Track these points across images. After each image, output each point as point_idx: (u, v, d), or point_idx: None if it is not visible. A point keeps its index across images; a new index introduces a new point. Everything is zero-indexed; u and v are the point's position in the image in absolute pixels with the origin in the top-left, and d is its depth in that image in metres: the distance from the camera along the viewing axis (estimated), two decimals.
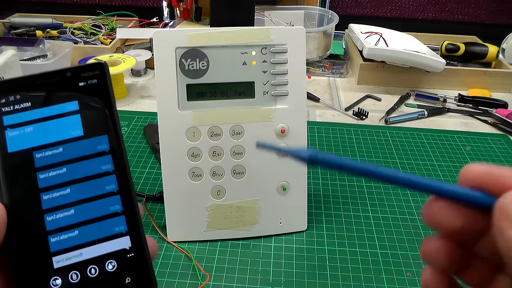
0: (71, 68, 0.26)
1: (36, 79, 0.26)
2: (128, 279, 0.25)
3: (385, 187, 0.62)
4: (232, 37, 0.48)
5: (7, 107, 0.25)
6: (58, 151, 0.26)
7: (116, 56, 0.84)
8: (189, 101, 0.49)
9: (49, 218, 0.25)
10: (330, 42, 0.98)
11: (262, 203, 0.52)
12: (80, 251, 0.25)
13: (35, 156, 0.25)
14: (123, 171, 0.26)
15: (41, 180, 0.25)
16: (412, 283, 0.47)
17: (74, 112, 0.26)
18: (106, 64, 0.27)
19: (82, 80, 0.26)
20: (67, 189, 0.25)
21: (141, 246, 0.26)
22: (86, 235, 0.25)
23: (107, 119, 0.26)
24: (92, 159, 0.26)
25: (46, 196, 0.25)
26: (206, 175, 0.50)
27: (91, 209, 0.26)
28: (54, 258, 0.25)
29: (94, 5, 1.28)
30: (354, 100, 0.86)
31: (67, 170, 0.26)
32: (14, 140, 0.25)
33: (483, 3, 1.22)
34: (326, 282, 0.47)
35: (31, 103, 0.25)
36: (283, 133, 0.50)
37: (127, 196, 0.26)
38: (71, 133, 0.26)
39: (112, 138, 0.26)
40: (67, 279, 0.25)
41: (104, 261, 0.25)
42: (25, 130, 0.25)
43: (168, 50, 0.48)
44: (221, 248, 0.51)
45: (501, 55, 0.98)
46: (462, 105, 0.86)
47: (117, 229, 0.26)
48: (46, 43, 0.90)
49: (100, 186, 0.26)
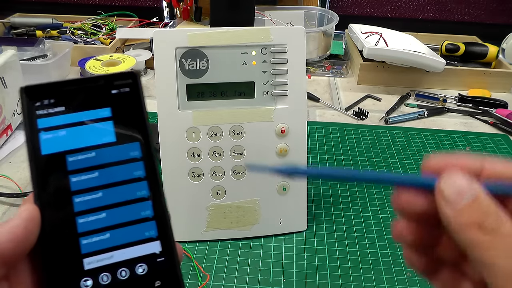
0: (105, 76, 0.27)
1: (70, 84, 0.26)
2: (157, 283, 0.26)
3: (385, 187, 0.62)
4: (232, 37, 0.48)
5: (41, 111, 0.26)
6: (91, 155, 0.26)
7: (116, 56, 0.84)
8: (189, 101, 0.49)
9: (80, 220, 0.25)
10: (330, 42, 0.98)
11: (262, 203, 0.52)
12: (111, 254, 0.25)
13: (68, 159, 0.26)
14: (154, 177, 0.27)
15: (73, 183, 0.25)
16: (412, 283, 0.47)
17: (107, 118, 0.27)
18: (139, 73, 0.27)
19: (115, 88, 0.27)
20: (99, 193, 0.26)
21: (171, 251, 0.26)
22: (117, 238, 0.26)
23: (139, 126, 0.27)
24: (124, 165, 0.26)
25: (78, 199, 0.25)
26: (206, 175, 0.50)
27: (122, 213, 0.26)
28: (85, 260, 0.25)
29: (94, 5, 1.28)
30: (354, 100, 0.86)
31: (99, 174, 0.26)
32: (48, 143, 0.25)
33: (483, 3, 1.22)
34: (326, 282, 0.47)
35: (65, 108, 0.26)
36: (283, 133, 0.50)
37: (158, 201, 0.27)
38: (103, 139, 0.26)
39: (143, 145, 0.27)
40: (97, 280, 0.25)
41: (134, 264, 0.26)
42: (59, 133, 0.26)
43: (168, 50, 0.48)
44: (221, 248, 0.51)
45: (501, 55, 0.98)
46: (462, 105, 0.86)
47: (147, 234, 0.26)
48: (46, 43, 0.90)
49: (131, 192, 0.26)
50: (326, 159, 0.67)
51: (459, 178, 0.20)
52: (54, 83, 0.26)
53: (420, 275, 0.25)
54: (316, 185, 0.61)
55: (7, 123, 0.68)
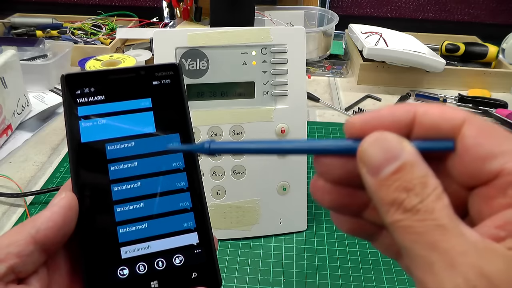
0: (146, 67, 0.27)
1: (111, 74, 0.26)
2: (194, 274, 0.25)
3: None
4: (232, 37, 0.48)
5: (82, 99, 0.26)
6: (130, 145, 0.26)
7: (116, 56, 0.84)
8: (189, 101, 0.49)
9: (118, 209, 0.25)
10: (330, 42, 0.98)
11: (262, 203, 0.52)
12: (148, 244, 0.25)
13: (107, 148, 0.26)
14: (193, 169, 0.27)
15: (112, 172, 0.25)
16: (412, 283, 0.47)
17: (147, 109, 0.27)
18: (180, 65, 0.27)
19: (156, 79, 0.27)
20: (137, 182, 0.26)
21: (209, 243, 0.26)
22: (155, 228, 0.26)
23: (179, 118, 0.27)
24: (163, 156, 0.26)
25: (116, 187, 0.25)
26: (206, 175, 0.50)
27: (161, 204, 0.26)
28: (122, 249, 0.25)
29: (94, 5, 1.28)
30: (354, 100, 0.86)
31: (138, 164, 0.26)
32: (88, 131, 0.25)
33: (483, 3, 1.22)
34: (326, 282, 0.47)
35: (105, 97, 0.26)
36: (283, 133, 0.50)
37: (196, 193, 0.27)
38: (143, 129, 0.26)
39: (184, 137, 0.27)
40: (134, 269, 0.25)
41: (171, 255, 0.26)
42: (98, 122, 0.26)
43: (168, 50, 0.48)
44: (221, 248, 0.51)
45: (501, 55, 0.98)
46: (462, 105, 0.86)
47: (185, 225, 0.26)
48: (46, 43, 0.90)
49: (170, 183, 0.26)
50: None
51: (384, 140, 0.17)
52: (95, 72, 0.26)
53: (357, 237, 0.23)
54: None
55: (7, 123, 0.68)
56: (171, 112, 0.27)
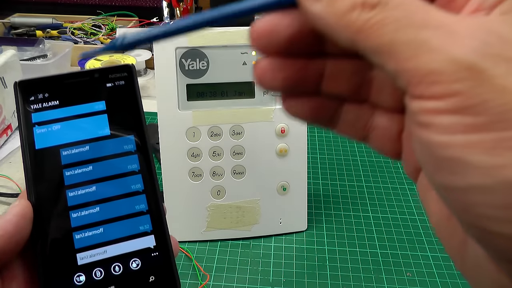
0: (100, 69, 0.27)
1: (64, 78, 0.26)
2: (152, 278, 0.25)
3: (385, 187, 0.62)
4: (232, 37, 0.48)
5: (35, 105, 0.25)
6: (85, 149, 0.26)
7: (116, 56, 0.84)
8: (189, 101, 0.49)
9: (74, 215, 0.25)
10: None
11: (262, 203, 0.52)
12: (104, 249, 0.25)
13: (62, 153, 0.25)
14: (149, 171, 0.27)
15: (67, 177, 0.25)
16: (412, 283, 0.47)
17: (102, 112, 0.26)
18: (134, 66, 0.27)
19: (110, 81, 0.27)
20: (92, 187, 0.26)
21: (166, 245, 0.26)
22: (111, 233, 0.25)
23: (134, 119, 0.27)
24: (118, 158, 0.26)
25: (71, 193, 0.25)
26: (206, 175, 0.50)
27: (116, 207, 0.26)
28: (79, 255, 0.25)
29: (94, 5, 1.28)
30: None
31: (93, 168, 0.26)
32: (42, 137, 0.25)
33: None
34: (326, 282, 0.47)
35: (59, 102, 0.26)
36: (283, 133, 0.50)
37: (152, 195, 0.26)
38: (98, 132, 0.26)
39: (138, 139, 0.27)
40: (91, 275, 0.25)
41: (128, 259, 0.25)
42: (53, 127, 0.25)
43: (168, 50, 0.48)
44: (221, 248, 0.51)
45: None
46: None
47: (142, 228, 0.26)
48: (46, 43, 0.90)
49: (125, 185, 0.26)
50: (326, 159, 0.67)
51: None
52: (49, 77, 0.26)
53: (317, 125, 0.20)
54: (316, 185, 0.61)
55: (7, 123, 0.68)
56: (125, 113, 0.27)
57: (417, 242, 0.52)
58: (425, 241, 0.53)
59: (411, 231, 0.54)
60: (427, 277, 0.48)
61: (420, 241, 0.53)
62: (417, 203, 0.59)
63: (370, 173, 0.65)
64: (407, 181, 0.63)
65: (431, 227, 0.55)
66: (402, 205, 0.58)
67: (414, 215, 0.57)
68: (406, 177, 0.64)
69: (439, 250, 0.51)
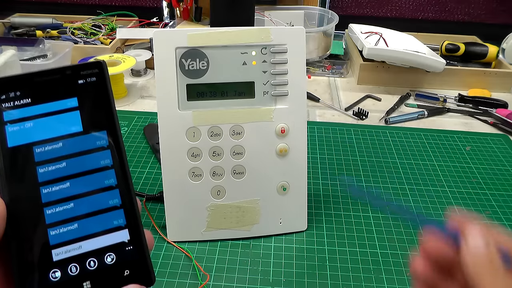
0: (71, 66, 0.27)
1: (36, 76, 0.26)
2: (127, 272, 0.26)
3: (385, 187, 0.62)
4: (232, 37, 0.48)
5: (7, 103, 0.25)
6: (58, 146, 0.26)
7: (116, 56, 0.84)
8: (189, 101, 0.49)
9: (48, 211, 0.25)
10: (330, 42, 0.98)
11: (262, 203, 0.52)
12: (79, 244, 0.25)
13: (35, 150, 0.26)
14: (121, 165, 0.27)
15: (40, 174, 0.25)
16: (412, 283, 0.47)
17: (74, 108, 0.26)
18: (105, 62, 0.27)
19: (82, 78, 0.27)
20: (66, 183, 0.26)
21: (140, 239, 0.26)
22: (85, 228, 0.26)
23: (106, 115, 0.27)
24: (91, 154, 0.26)
25: (45, 190, 0.25)
26: (206, 175, 0.50)
27: (90, 203, 0.26)
28: (54, 251, 0.25)
29: (94, 5, 1.28)
30: (354, 100, 0.86)
31: (66, 164, 0.26)
32: (14, 135, 0.25)
33: (483, 3, 1.22)
34: (326, 282, 0.47)
35: (31, 100, 0.26)
36: (283, 133, 0.50)
37: (125, 190, 0.27)
38: (70, 129, 0.26)
39: (110, 134, 0.27)
40: (66, 271, 0.25)
41: (103, 254, 0.26)
42: (25, 125, 0.26)
43: (168, 50, 0.48)
44: (221, 248, 0.51)
45: (501, 55, 0.98)
46: (462, 105, 0.86)
47: (116, 223, 0.26)
48: (46, 43, 0.90)
49: (99, 180, 0.26)
50: (326, 159, 0.67)
51: (480, 238, 0.26)
52: (20, 75, 0.26)
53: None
54: (316, 185, 0.61)
55: None
56: (97, 110, 0.27)
57: (417, 242, 0.52)
58: None
59: (411, 231, 0.54)
60: None
61: (420, 241, 0.53)
62: (417, 203, 0.59)
63: (370, 173, 0.65)
64: (407, 181, 0.63)
65: None
66: (402, 205, 0.58)
67: (414, 215, 0.57)
68: (406, 177, 0.64)
69: None
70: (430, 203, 0.59)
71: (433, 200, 0.60)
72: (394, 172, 0.65)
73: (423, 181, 0.63)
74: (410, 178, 0.64)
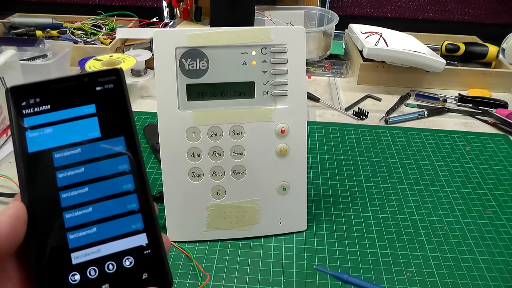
0: (89, 74, 0.27)
1: (55, 83, 0.27)
2: (145, 275, 0.26)
3: (385, 187, 0.62)
4: (232, 37, 0.48)
5: (27, 110, 0.26)
6: (76, 151, 0.27)
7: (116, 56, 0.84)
8: (189, 101, 0.49)
9: (67, 215, 0.26)
10: (330, 42, 0.98)
11: (262, 203, 0.52)
12: (98, 248, 0.26)
13: (54, 156, 0.26)
14: (139, 171, 0.27)
15: (60, 179, 0.26)
16: (412, 283, 0.47)
17: (92, 114, 0.27)
18: (122, 70, 0.28)
19: (99, 84, 0.27)
20: (85, 188, 0.26)
21: (158, 243, 0.27)
22: (104, 232, 0.26)
23: (123, 121, 0.27)
24: (109, 159, 0.27)
25: (64, 194, 0.26)
26: (206, 175, 0.50)
27: (109, 207, 0.26)
28: (73, 254, 0.25)
29: (94, 5, 1.28)
30: (354, 100, 0.86)
31: (85, 169, 0.26)
32: (34, 141, 0.26)
33: (483, 3, 1.22)
34: (326, 282, 0.47)
35: (50, 106, 0.27)
36: (283, 133, 0.50)
37: (143, 194, 0.27)
38: (89, 135, 0.27)
39: (128, 140, 0.27)
40: (85, 274, 0.25)
41: (121, 258, 0.26)
42: (45, 131, 0.26)
43: (168, 50, 0.48)
44: (221, 248, 0.51)
45: (501, 55, 0.98)
46: (462, 105, 0.86)
47: (134, 227, 0.27)
48: (46, 43, 0.90)
49: (117, 185, 0.27)
50: (326, 159, 0.67)
51: None
52: (40, 83, 0.27)
53: None
54: (316, 185, 0.61)
55: (7, 123, 0.68)
56: (115, 116, 0.27)
57: (417, 242, 0.52)
58: (425, 241, 0.53)
59: (411, 231, 0.54)
60: (427, 277, 0.48)
61: (420, 241, 0.53)
62: (417, 203, 0.59)
63: (370, 173, 0.65)
64: (407, 181, 0.63)
65: (432, 227, 0.55)
66: (402, 205, 0.58)
67: (414, 215, 0.57)
68: (406, 177, 0.64)
69: (439, 250, 0.51)
70: (430, 203, 0.59)
71: (433, 200, 0.60)
72: (394, 172, 0.65)
73: (423, 181, 0.63)
74: (410, 178, 0.64)
